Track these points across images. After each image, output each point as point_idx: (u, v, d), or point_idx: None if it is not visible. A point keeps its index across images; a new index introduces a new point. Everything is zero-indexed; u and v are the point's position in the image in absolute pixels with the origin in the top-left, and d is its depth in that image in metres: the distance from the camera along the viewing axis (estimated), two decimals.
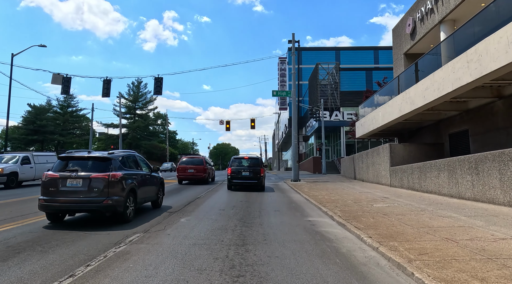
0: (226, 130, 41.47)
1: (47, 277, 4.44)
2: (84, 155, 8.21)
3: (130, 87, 68.77)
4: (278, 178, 30.07)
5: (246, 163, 18.30)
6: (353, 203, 11.16)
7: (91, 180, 7.63)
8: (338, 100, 43.44)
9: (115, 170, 8.01)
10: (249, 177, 17.56)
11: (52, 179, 7.73)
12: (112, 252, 5.58)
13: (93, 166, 7.97)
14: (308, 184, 20.50)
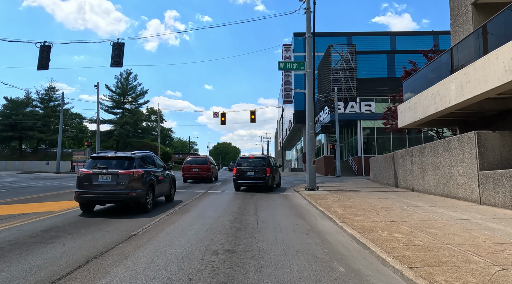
0: (221, 124, 34.80)
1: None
2: (112, 154, 9.78)
3: (118, 79, 62.24)
4: (285, 183, 23.40)
5: (251, 162, 17.42)
6: (482, 260, 4.52)
7: (118, 175, 9.10)
8: (354, 89, 36.70)
9: (137, 167, 9.47)
10: (254, 177, 16.90)
11: (86, 174, 9.23)
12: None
13: (119, 164, 9.43)
14: (334, 195, 13.83)
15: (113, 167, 9.27)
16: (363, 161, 35.88)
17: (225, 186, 21.02)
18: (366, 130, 36.80)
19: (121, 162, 9.43)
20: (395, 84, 37.77)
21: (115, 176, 9.03)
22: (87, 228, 7.40)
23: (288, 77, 53.11)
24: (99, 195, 9.02)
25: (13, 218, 8.60)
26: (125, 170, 9.14)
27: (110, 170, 9.11)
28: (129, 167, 9.30)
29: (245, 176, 16.72)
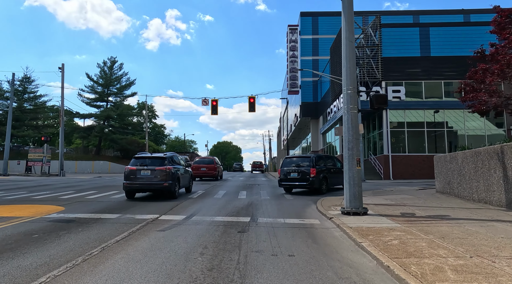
0: (212, 114, 27.55)
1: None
2: (149, 155, 13.39)
3: (101, 68, 55.00)
4: (299, 193, 16.12)
5: (295, 162, 16.02)
6: None
7: (155, 171, 12.39)
8: (378, 71, 29.25)
9: (168, 165, 12.72)
10: (297, 178, 15.33)
11: (131, 170, 12.51)
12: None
13: (155, 162, 12.76)
14: (412, 233, 6.52)
15: (151, 164, 12.61)
16: (390, 160, 28.54)
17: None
18: (392, 122, 29.46)
19: (156, 160, 12.83)
20: (431, 64, 30.44)
21: (153, 171, 12.40)
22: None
23: (294, 64, 45.83)
24: (142, 185, 12.51)
25: None
26: (160, 167, 12.46)
27: (149, 167, 12.49)
28: (162, 165, 12.57)
29: (288, 177, 15.55)
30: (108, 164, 52.10)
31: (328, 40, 43.98)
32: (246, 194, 14.41)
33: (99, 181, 23.87)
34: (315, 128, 45.89)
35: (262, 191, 15.72)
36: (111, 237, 6.34)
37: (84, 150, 57.64)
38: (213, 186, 18.08)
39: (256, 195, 14.16)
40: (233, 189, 16.91)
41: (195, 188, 16.54)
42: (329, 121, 37.72)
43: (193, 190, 15.48)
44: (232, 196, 13.47)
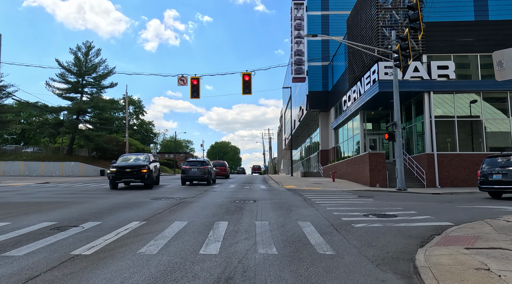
0: (192, 97, 19.99)
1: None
2: (196, 160, 23.86)
3: (75, 54, 47.24)
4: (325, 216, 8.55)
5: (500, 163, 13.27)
6: None
7: (200, 169, 21.43)
8: (418, 42, 21.56)
9: (207, 165, 22.10)
10: (502, 181, 12.86)
11: (185, 168, 21.66)
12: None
13: (199, 163, 22.24)
14: None
15: (198, 164, 21.96)
16: (436, 161, 20.89)
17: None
18: (439, 108, 21.80)
19: (200, 162, 22.43)
20: (490, 31, 22.80)
21: (199, 169, 21.44)
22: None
23: (300, 45, 38.20)
24: (192, 177, 21.61)
25: None
26: (202, 166, 21.69)
27: (196, 166, 21.65)
28: (203, 165, 21.93)
29: (489, 180, 13.08)
30: (81, 165, 44.41)
31: (341, 17, 36.28)
32: (223, 236, 6.80)
33: (42, 194, 16.25)
34: (324, 123, 38.23)
35: (259, 223, 8.05)
36: None
37: (54, 149, 49.92)
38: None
39: (245, 239, 6.52)
40: (203, 217, 9.27)
41: None
42: (345, 114, 30.06)
43: None
44: (181, 246, 5.95)
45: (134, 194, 14.99)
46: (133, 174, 17.83)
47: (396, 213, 9.22)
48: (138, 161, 19.13)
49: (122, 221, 7.81)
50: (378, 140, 28.13)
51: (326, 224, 7.72)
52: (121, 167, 17.89)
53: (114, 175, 17.55)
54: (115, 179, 17.65)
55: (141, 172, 17.77)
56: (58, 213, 8.89)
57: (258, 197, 13.70)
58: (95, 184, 23.07)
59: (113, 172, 17.57)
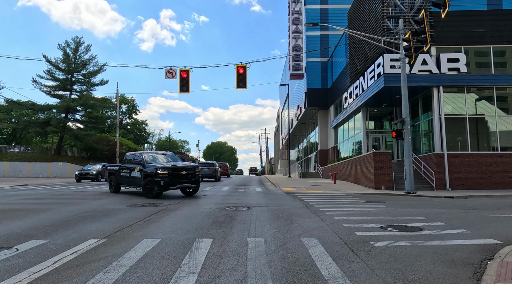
0: (181, 91, 18.29)
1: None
2: (207, 161, 33.42)
3: (63, 50, 45.31)
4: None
5: None
6: None
7: (210, 169, 28.54)
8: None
9: (215, 166, 29.41)
10: None
11: (201, 168, 24.60)
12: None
13: (208, 164, 29.40)
14: None
15: (208, 165, 28.90)
16: (446, 161, 19.29)
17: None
18: (448, 104, 20.21)
19: (209, 164, 29.42)
20: (504, 21, 21.27)
21: (209, 169, 28.33)
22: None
23: (298, 40, 36.52)
24: (204, 175, 27.15)
25: None
26: (211, 167, 28.64)
27: (206, 167, 28.37)
28: (212, 166, 28.90)
29: None
30: (69, 165, 42.49)
31: (341, 11, 34.70)
32: (202, 263, 5.12)
33: (4, 199, 14.47)
34: (324, 121, 36.60)
35: (252, 242, 6.41)
36: None
37: (43, 150, 47.96)
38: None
39: (231, 269, 4.85)
40: (183, 232, 7.60)
41: None
42: (345, 111, 28.44)
43: None
44: None
45: (113, 198, 13.25)
46: (189, 177, 13.81)
47: (420, 225, 7.56)
48: (177, 161, 15.09)
49: (76, 238, 6.09)
50: (381, 139, 26.52)
51: (337, 241, 6.04)
52: (175, 168, 13.48)
53: (167, 179, 13.02)
54: (168, 184, 13.11)
55: (196, 174, 14.29)
56: (1, 227, 7.15)
57: (252, 203, 12.01)
58: (76, 186, 21.27)
59: (164, 176, 12.99)
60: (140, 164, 14.06)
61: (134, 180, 14.45)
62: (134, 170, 14.34)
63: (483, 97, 20.40)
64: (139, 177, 13.93)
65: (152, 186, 13.18)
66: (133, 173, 14.39)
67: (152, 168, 13.43)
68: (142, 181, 13.67)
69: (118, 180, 15.60)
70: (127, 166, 14.95)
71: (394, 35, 20.83)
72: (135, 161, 14.70)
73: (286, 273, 4.31)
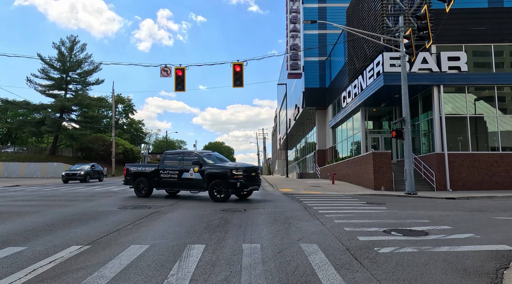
0: (176, 90, 17.87)
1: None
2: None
3: (58, 48, 44.74)
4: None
5: None
6: None
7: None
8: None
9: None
10: None
11: None
12: None
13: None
14: None
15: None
16: (446, 162, 18.95)
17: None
18: (448, 104, 19.86)
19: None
20: (506, 19, 20.95)
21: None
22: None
23: (295, 39, 36.13)
24: None
25: None
26: None
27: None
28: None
29: None
30: (64, 166, 41.86)
31: (339, 10, 34.33)
32: (192, 274, 4.70)
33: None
34: (322, 121, 36.23)
35: (248, 248, 6.02)
36: None
37: (38, 150, 47.34)
38: None
39: (224, 280, 4.44)
40: (173, 237, 7.19)
41: None
42: (344, 111, 28.09)
43: None
44: None
45: (105, 200, 12.79)
46: (256, 179, 13.04)
47: (426, 229, 7.16)
48: (227, 161, 14.22)
49: (58, 244, 5.65)
50: (380, 139, 26.17)
51: (339, 247, 5.63)
52: (248, 169, 12.65)
53: (243, 181, 12.11)
54: (243, 186, 12.20)
55: (259, 176, 13.57)
56: None
57: (249, 205, 11.59)
58: (68, 187, 20.77)
59: (239, 177, 12.08)
60: (197, 164, 12.70)
61: (188, 181, 12.83)
62: (189, 170, 12.78)
63: (484, 96, 20.08)
64: (198, 179, 12.59)
65: (221, 188, 12.16)
66: (186, 174, 12.82)
67: (221, 169, 12.39)
68: (205, 183, 12.42)
69: (154, 182, 13.58)
70: (173, 167, 13.23)
71: (394, 33, 20.51)
72: (186, 161, 13.11)
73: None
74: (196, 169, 12.72)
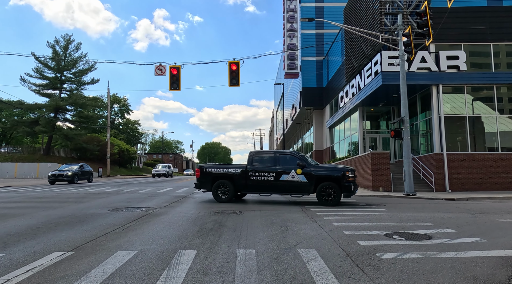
0: (171, 89, 17.52)
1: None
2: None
3: (53, 47, 44.21)
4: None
5: None
6: None
7: None
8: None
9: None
10: None
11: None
12: None
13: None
14: None
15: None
16: (445, 162, 18.70)
17: None
18: (447, 104, 19.63)
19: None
20: (505, 18, 20.76)
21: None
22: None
23: (293, 39, 35.84)
24: None
25: None
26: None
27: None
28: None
29: None
30: (58, 166, 41.36)
31: (336, 9, 34.07)
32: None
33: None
34: (319, 121, 35.95)
35: (242, 253, 5.70)
36: None
37: (32, 150, 46.76)
38: None
39: None
40: (164, 242, 6.84)
41: None
42: (341, 111, 27.82)
43: None
44: None
45: (96, 202, 12.41)
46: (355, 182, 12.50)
47: (428, 232, 6.86)
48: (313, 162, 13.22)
49: (39, 250, 5.28)
50: (378, 139, 25.90)
51: (339, 253, 5.30)
52: (353, 170, 12.23)
53: (354, 183, 11.87)
54: (355, 189, 11.89)
55: None
56: None
57: (245, 206, 11.25)
58: (61, 188, 20.34)
59: (352, 180, 11.73)
60: (301, 166, 11.82)
61: (289, 184, 11.87)
62: (290, 172, 11.87)
63: (484, 96, 19.86)
64: (303, 181, 11.74)
65: (330, 191, 11.49)
66: (286, 177, 11.86)
67: (331, 171, 11.80)
68: (311, 186, 11.67)
69: (240, 185, 12.43)
70: (267, 168, 12.20)
71: (392, 31, 20.25)
72: (282, 162, 12.21)
73: None
74: (300, 171, 11.79)
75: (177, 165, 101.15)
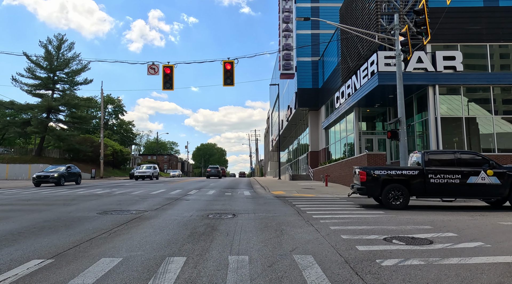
0: (164, 88, 17.19)
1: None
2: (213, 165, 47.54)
3: (45, 47, 43.59)
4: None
5: None
6: None
7: (216, 170, 45.99)
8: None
9: (219, 168, 47.79)
10: None
11: (208, 170, 45.99)
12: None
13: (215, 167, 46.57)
14: None
15: (214, 168, 46.40)
16: None
17: None
18: (443, 105, 19.47)
19: (215, 167, 46.44)
20: (501, 19, 20.66)
21: (215, 170, 45.65)
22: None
23: (288, 39, 35.60)
24: (211, 174, 44.92)
25: None
26: (216, 169, 45.59)
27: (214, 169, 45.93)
28: (217, 168, 45.53)
29: None
30: None
31: (332, 10, 33.89)
32: None
33: None
34: (314, 122, 35.76)
35: (234, 261, 5.37)
36: None
37: (23, 150, 46.07)
38: None
39: None
40: (152, 248, 6.49)
41: None
42: (337, 111, 27.61)
43: None
44: None
45: (86, 204, 12.03)
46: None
47: (429, 237, 6.59)
48: None
49: (16, 258, 4.93)
50: (374, 140, 25.73)
51: (337, 259, 5.02)
52: None
53: None
54: None
55: None
56: None
57: (239, 209, 10.94)
58: (51, 190, 19.87)
59: None
60: (491, 166, 10.84)
61: (479, 187, 10.76)
62: (479, 174, 10.75)
63: (480, 97, 19.73)
64: (495, 184, 10.70)
65: None
66: (475, 179, 10.72)
67: None
68: (506, 188, 10.66)
69: (417, 189, 11.05)
70: (452, 169, 10.93)
71: (388, 31, 20.08)
72: (464, 163, 11.00)
73: None
74: (491, 172, 10.73)
75: (172, 166, 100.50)
